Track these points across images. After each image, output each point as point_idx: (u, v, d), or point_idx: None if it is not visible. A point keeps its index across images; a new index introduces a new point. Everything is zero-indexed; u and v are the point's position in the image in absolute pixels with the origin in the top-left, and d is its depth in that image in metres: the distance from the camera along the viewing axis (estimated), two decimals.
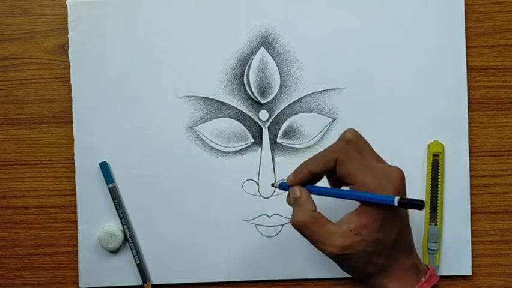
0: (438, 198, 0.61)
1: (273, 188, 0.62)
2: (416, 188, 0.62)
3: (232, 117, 0.62)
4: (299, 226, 0.49)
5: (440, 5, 0.62)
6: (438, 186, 0.61)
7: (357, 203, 0.48)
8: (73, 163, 0.62)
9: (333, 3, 0.62)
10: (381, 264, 0.49)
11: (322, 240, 0.48)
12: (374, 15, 0.62)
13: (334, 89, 0.62)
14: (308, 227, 0.49)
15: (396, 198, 0.45)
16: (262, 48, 0.62)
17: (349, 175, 0.48)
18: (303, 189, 0.50)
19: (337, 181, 0.52)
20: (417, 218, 0.62)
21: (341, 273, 0.62)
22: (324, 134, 0.62)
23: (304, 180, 0.50)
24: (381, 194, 0.47)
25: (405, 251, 0.50)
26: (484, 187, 0.63)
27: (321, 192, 0.50)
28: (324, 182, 0.52)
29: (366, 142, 0.51)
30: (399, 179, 0.48)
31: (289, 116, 0.62)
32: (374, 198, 0.47)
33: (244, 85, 0.62)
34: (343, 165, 0.48)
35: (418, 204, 0.44)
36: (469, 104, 0.62)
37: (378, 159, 0.51)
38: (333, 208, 0.51)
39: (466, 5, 0.62)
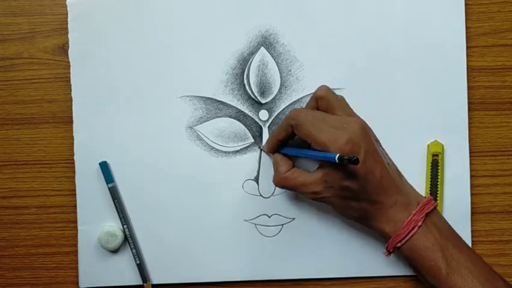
0: (438, 198, 0.61)
1: (273, 188, 0.62)
2: (416, 188, 0.61)
3: (232, 117, 0.62)
4: (277, 186, 0.59)
5: (440, 5, 0.62)
6: (438, 186, 0.61)
7: None
8: (73, 163, 0.62)
9: (333, 3, 0.62)
10: (361, 208, 0.55)
11: (300, 190, 0.56)
12: (374, 15, 0.62)
13: (334, 89, 0.62)
14: (284, 185, 0.58)
15: (336, 156, 0.51)
16: (262, 48, 0.62)
17: (305, 136, 0.55)
18: (277, 154, 0.59)
19: None
20: None
21: (340, 273, 0.62)
22: None
23: (275, 147, 0.59)
24: (332, 148, 0.52)
25: (386, 191, 0.55)
26: (484, 187, 0.63)
27: (291, 153, 0.59)
28: None
29: (336, 98, 0.57)
30: (356, 130, 0.54)
31: None
32: (318, 156, 0.54)
33: (244, 85, 0.62)
34: (298, 129, 0.55)
35: (353, 160, 0.50)
36: (469, 104, 0.62)
37: (346, 110, 0.57)
38: None
39: (466, 5, 0.62)
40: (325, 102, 0.57)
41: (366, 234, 0.61)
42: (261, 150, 0.62)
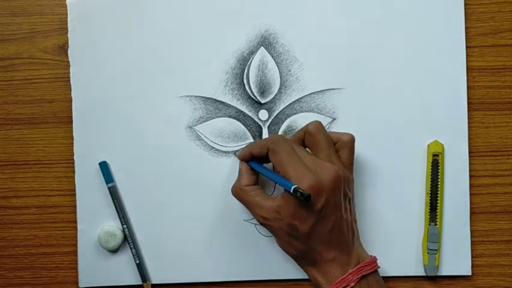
0: (438, 198, 0.61)
1: (273, 188, 0.62)
2: (416, 188, 0.62)
3: (232, 117, 0.62)
4: (233, 194, 0.58)
5: (440, 5, 0.62)
6: (438, 186, 0.61)
7: None
8: (73, 163, 0.62)
9: (333, 3, 0.62)
10: (301, 249, 0.55)
11: (250, 209, 0.57)
12: (374, 15, 0.62)
13: (334, 89, 0.62)
14: (239, 197, 0.58)
15: (293, 187, 0.51)
16: (262, 48, 0.62)
17: (277, 163, 0.55)
18: (244, 165, 0.59)
19: None
20: (417, 218, 0.62)
21: None
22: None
23: (247, 157, 0.58)
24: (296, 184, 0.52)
25: (330, 245, 0.54)
26: (484, 187, 0.62)
27: (258, 170, 0.58)
28: None
29: (324, 138, 0.56)
30: (326, 178, 0.53)
31: (289, 116, 0.62)
32: (278, 180, 0.54)
33: (244, 85, 0.62)
34: (272, 155, 0.55)
35: (305, 195, 0.50)
36: (469, 104, 0.62)
37: (330, 156, 0.55)
38: None
39: (466, 5, 0.62)
40: (312, 139, 0.56)
41: (366, 234, 0.61)
42: (235, 154, 0.62)
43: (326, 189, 0.52)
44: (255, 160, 0.58)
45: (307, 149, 0.57)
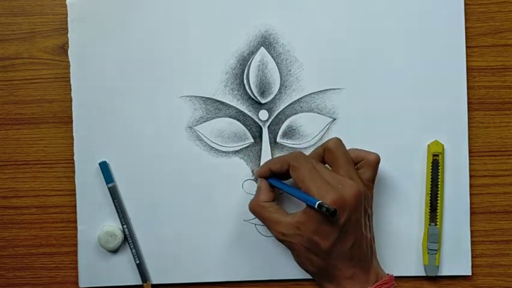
0: (438, 198, 0.61)
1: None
2: (416, 188, 0.62)
3: (232, 117, 0.62)
4: (250, 211, 0.58)
5: (440, 5, 0.62)
6: (438, 186, 0.61)
7: None
8: (73, 163, 0.62)
9: (333, 4, 0.62)
10: (320, 266, 0.55)
11: (268, 225, 0.56)
12: (374, 16, 0.62)
13: (334, 89, 0.62)
14: (257, 213, 0.57)
15: (317, 202, 0.51)
16: (262, 48, 0.62)
17: (298, 180, 0.55)
18: (264, 181, 0.59)
19: None
20: (417, 218, 0.62)
21: None
22: (324, 134, 0.62)
23: (266, 174, 0.58)
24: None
25: (350, 261, 0.54)
26: (484, 187, 0.62)
27: (279, 187, 0.58)
28: None
29: (343, 154, 0.56)
30: (348, 194, 0.53)
31: (289, 116, 0.62)
32: (301, 197, 0.54)
33: (244, 85, 0.62)
34: (294, 172, 0.55)
35: (331, 211, 0.50)
36: (469, 104, 0.62)
37: (349, 172, 0.55)
38: None
39: (466, 5, 0.62)
40: (332, 156, 0.56)
41: None
42: (252, 172, 0.62)
43: (349, 205, 0.53)
44: (274, 177, 0.58)
45: (326, 165, 0.57)
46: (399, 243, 0.62)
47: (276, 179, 0.58)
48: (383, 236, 0.62)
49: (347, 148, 0.57)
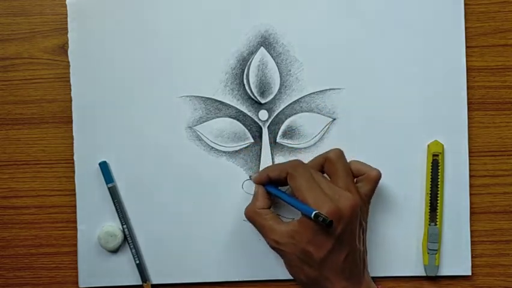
0: (438, 198, 0.61)
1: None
2: (416, 188, 0.62)
3: (232, 117, 0.62)
4: (246, 217, 0.58)
5: (440, 5, 0.62)
6: (438, 186, 0.61)
7: None
8: (73, 163, 0.62)
9: (333, 4, 0.62)
10: (312, 277, 0.54)
11: (263, 232, 0.57)
12: (374, 16, 0.62)
13: (334, 89, 0.62)
14: (252, 219, 0.57)
15: (314, 212, 0.51)
16: (262, 48, 0.62)
17: (295, 189, 0.55)
18: (261, 188, 0.58)
19: None
20: (417, 218, 0.62)
21: None
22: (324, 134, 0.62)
23: (264, 181, 0.58)
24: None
25: (342, 274, 0.54)
26: (484, 187, 0.62)
27: (276, 194, 0.58)
28: None
29: (343, 166, 0.56)
30: (344, 206, 0.53)
31: (289, 116, 0.62)
32: (298, 206, 0.54)
33: (244, 85, 0.62)
34: (291, 180, 0.55)
35: (327, 222, 0.50)
36: (469, 104, 0.62)
37: (348, 184, 0.55)
38: None
39: (466, 5, 0.62)
40: (332, 167, 0.56)
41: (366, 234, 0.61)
42: (250, 178, 0.62)
43: (345, 216, 0.53)
44: (271, 184, 0.58)
45: (325, 175, 0.57)
46: (399, 243, 0.62)
47: (274, 186, 0.58)
48: (383, 236, 0.62)
49: (350, 157, 0.57)
